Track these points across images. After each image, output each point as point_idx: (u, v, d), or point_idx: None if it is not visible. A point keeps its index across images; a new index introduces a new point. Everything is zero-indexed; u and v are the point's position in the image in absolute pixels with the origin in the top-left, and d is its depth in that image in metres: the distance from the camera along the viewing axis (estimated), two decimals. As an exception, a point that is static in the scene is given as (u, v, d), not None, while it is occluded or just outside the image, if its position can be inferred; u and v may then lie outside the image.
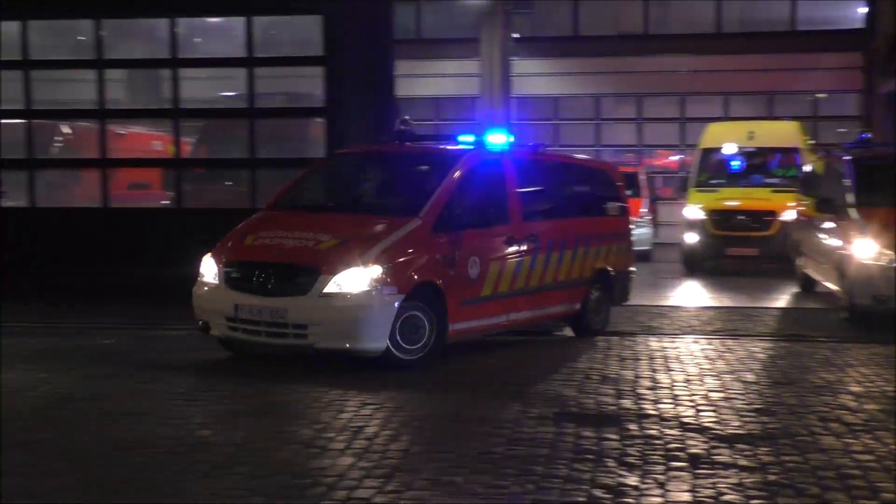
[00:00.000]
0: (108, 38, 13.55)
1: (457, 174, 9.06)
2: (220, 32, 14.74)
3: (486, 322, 9.19)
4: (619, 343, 10.21)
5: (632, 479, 5.41)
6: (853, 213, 12.02)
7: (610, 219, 11.16)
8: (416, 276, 8.35)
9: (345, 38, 13.25)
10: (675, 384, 8.00)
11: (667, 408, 7.12)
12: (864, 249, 11.32)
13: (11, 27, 13.36)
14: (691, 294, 15.56)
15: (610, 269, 10.84)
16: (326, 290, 8.04)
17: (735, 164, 18.46)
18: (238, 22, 13.38)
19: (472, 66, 26.06)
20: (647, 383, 8.02)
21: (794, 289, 15.17)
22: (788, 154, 18.86)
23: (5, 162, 13.79)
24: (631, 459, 5.79)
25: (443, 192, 8.86)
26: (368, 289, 8.03)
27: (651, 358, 9.29)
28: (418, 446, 6.04)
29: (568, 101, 27.28)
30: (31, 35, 13.41)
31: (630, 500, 5.06)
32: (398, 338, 8.24)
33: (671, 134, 26.28)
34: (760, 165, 18.86)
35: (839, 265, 12.02)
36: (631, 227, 11.70)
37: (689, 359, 9.25)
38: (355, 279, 8.03)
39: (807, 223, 14.48)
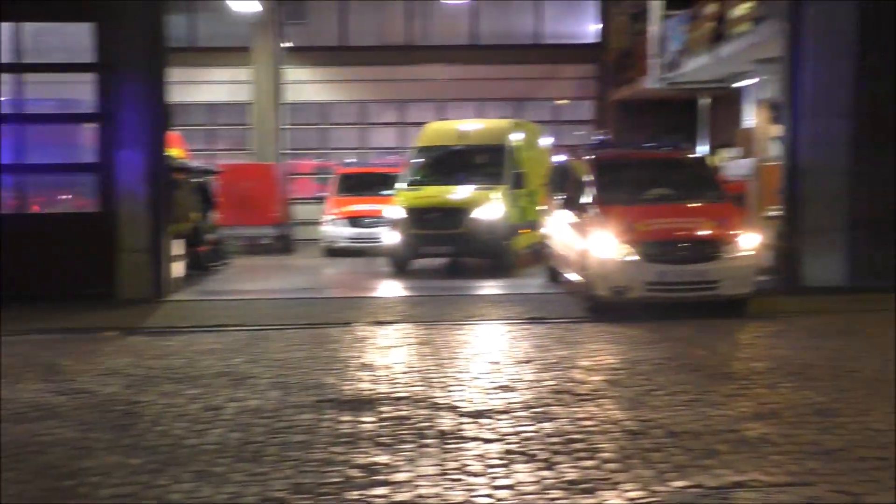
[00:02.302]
0: None
1: None
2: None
3: None
4: (374, 331, 11.04)
5: (384, 458, 5.99)
6: (593, 209, 12.47)
7: None
8: None
9: (118, 45, 13.50)
10: (429, 368, 8.79)
11: (419, 390, 7.91)
12: (603, 244, 11.84)
13: None
14: (450, 282, 16.10)
15: None
16: None
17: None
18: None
19: (246, 74, 26.78)
20: (403, 368, 8.87)
21: (542, 279, 15.65)
22: (496, 152, 18.14)
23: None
24: (384, 440, 6.44)
25: None
26: None
27: (409, 345, 10.16)
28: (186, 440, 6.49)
29: (336, 107, 27.24)
30: None
31: (382, 478, 5.60)
32: None
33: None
34: (468, 163, 18.22)
35: (581, 259, 12.44)
36: None
37: (443, 344, 10.16)
38: None
39: (555, 216, 14.66)
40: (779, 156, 15.45)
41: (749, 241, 11.96)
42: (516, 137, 18.66)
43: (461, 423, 6.86)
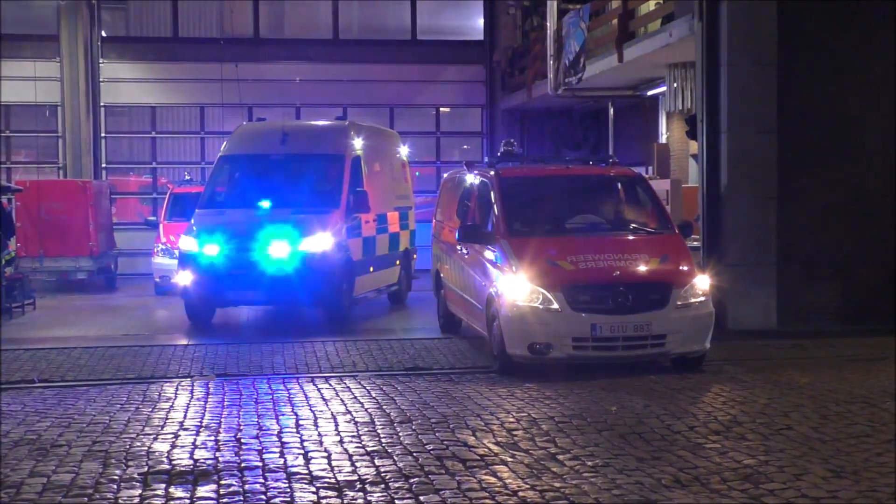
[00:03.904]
0: None
1: None
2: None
3: None
4: (223, 386, 10.86)
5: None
6: (500, 241, 11.89)
7: None
8: None
9: None
10: (284, 430, 8.80)
11: (273, 457, 7.86)
12: (515, 289, 11.26)
13: None
14: (316, 326, 15.79)
15: None
16: None
17: None
18: None
19: (52, 69, 26.30)
20: (253, 431, 8.78)
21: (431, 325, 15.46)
22: (331, 164, 16.80)
23: None
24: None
25: None
26: None
27: (258, 402, 10.08)
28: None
29: (168, 112, 27.52)
30: None
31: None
32: None
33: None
34: (292, 178, 16.84)
35: (486, 308, 11.96)
36: None
37: (301, 401, 10.08)
38: None
39: (449, 250, 14.28)
40: (697, 177, 15.92)
41: (702, 283, 11.61)
42: (360, 145, 17.28)
43: (323, 498, 6.79)
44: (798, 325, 14.28)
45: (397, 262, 18.65)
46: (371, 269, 17.18)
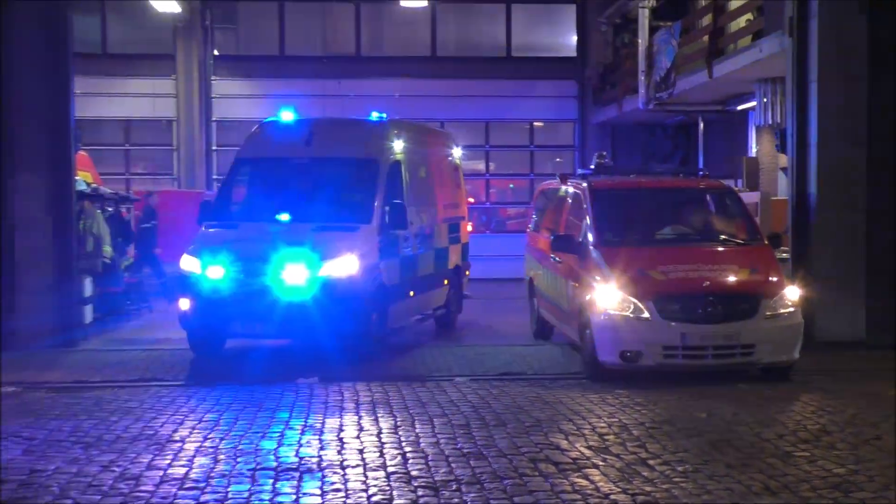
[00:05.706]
0: None
1: None
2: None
3: None
4: (323, 389, 10.93)
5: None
6: (592, 251, 11.77)
7: None
8: None
9: (12, 49, 13.38)
10: (383, 431, 8.88)
11: (373, 456, 7.96)
12: (606, 297, 11.18)
13: None
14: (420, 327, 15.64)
15: None
16: None
17: None
18: None
19: (168, 86, 26.92)
20: (353, 431, 8.88)
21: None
22: (363, 170, 13.93)
23: None
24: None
25: None
26: None
27: (358, 404, 10.13)
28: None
29: None
30: None
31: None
32: None
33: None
34: (316, 187, 13.84)
35: (579, 315, 11.84)
36: None
37: (399, 403, 10.13)
38: None
39: (542, 259, 14.07)
40: (787, 190, 15.66)
41: (792, 294, 11.48)
42: (400, 147, 14.61)
43: (421, 497, 6.84)
44: (886, 336, 13.88)
45: (445, 282, 16.01)
46: (411, 293, 14.56)
